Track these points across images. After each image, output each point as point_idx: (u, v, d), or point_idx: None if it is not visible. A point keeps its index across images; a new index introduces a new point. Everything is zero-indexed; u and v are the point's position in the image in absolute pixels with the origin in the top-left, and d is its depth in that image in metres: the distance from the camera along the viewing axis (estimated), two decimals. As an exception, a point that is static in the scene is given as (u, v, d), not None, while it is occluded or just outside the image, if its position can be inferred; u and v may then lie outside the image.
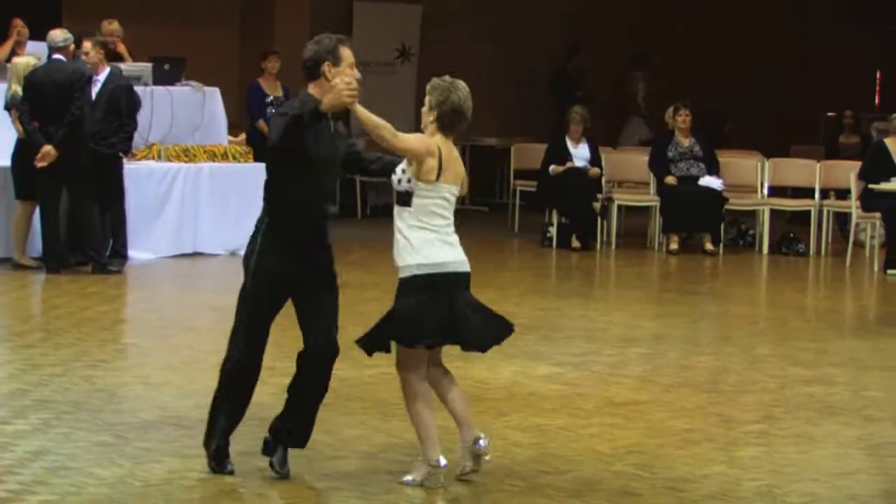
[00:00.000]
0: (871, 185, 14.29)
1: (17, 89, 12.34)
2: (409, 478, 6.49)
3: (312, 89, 6.44)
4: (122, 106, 12.62)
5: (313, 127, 6.29)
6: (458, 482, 6.57)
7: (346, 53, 6.47)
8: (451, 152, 6.49)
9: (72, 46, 12.49)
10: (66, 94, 12.13)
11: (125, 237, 12.79)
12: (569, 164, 15.33)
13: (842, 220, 16.00)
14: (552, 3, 20.37)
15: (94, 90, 12.52)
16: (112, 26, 14.57)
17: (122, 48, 14.73)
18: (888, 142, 14.56)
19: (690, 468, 6.90)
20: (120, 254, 12.70)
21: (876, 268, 14.26)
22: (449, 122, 6.46)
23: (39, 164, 12.09)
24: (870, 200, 14.29)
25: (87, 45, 12.58)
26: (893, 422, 8.01)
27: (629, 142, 19.59)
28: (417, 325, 6.38)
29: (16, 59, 12.77)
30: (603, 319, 11.15)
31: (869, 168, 14.50)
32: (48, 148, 12.08)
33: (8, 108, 12.53)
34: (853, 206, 14.71)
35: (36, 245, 12.62)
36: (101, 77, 12.62)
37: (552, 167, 15.39)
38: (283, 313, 7.01)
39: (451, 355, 7.07)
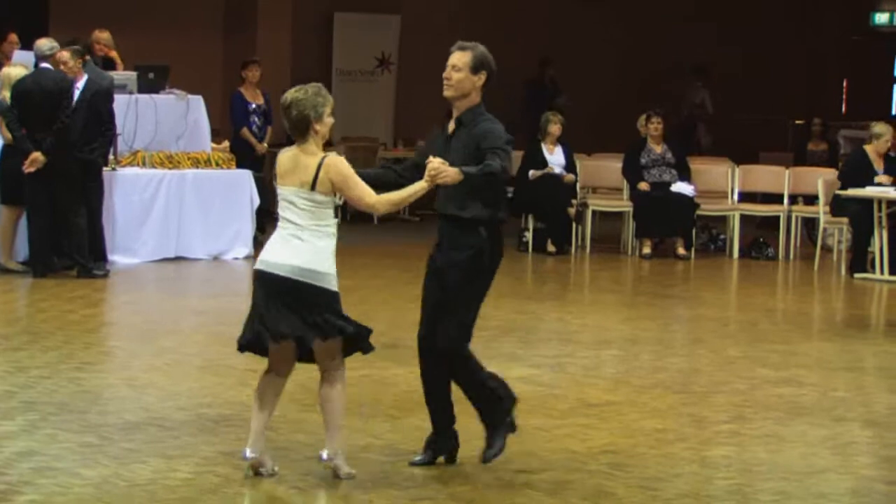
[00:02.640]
0: (839, 192, 14.50)
1: (6, 96, 12.45)
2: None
3: None
4: (101, 111, 12.68)
5: None
6: (434, 482, 6.69)
7: None
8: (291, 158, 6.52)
9: (58, 55, 12.59)
10: (54, 101, 12.23)
11: (104, 241, 12.88)
12: (545, 170, 15.49)
13: (810, 225, 16.20)
14: (531, 13, 20.52)
15: (74, 98, 12.57)
16: (103, 35, 14.65)
17: (114, 54, 14.79)
18: (868, 149, 14.75)
19: (663, 467, 6.99)
20: (100, 258, 12.79)
21: (843, 271, 14.45)
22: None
23: (28, 170, 12.20)
24: (839, 206, 14.50)
25: (64, 54, 12.61)
26: (861, 422, 8.10)
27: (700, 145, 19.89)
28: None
29: (6, 68, 12.85)
30: (577, 322, 11.25)
31: (849, 173, 14.68)
32: (36, 154, 12.18)
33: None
34: (821, 211, 14.92)
35: (22, 249, 12.74)
36: (80, 84, 12.63)
37: (531, 172, 15.55)
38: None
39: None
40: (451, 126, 6.77)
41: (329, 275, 6.46)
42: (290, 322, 6.45)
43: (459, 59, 6.74)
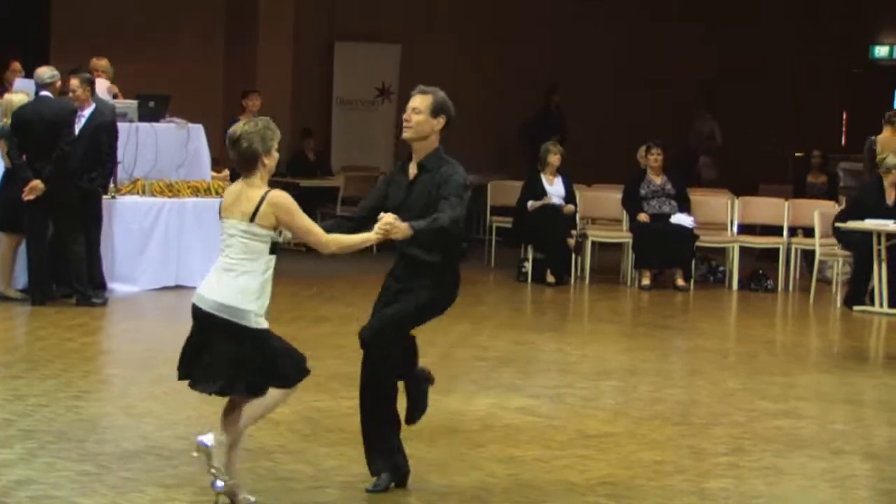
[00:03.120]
0: (839, 224, 14.51)
1: (7, 122, 12.48)
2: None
3: None
4: (102, 142, 12.69)
5: None
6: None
7: None
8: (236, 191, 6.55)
9: (58, 83, 12.61)
10: (54, 129, 12.26)
11: (102, 269, 12.89)
12: (545, 200, 15.52)
13: (810, 257, 16.19)
14: (530, 42, 20.60)
15: (78, 126, 12.58)
16: (101, 62, 14.70)
17: (112, 86, 14.79)
18: (885, 176, 14.57)
19: (661, 499, 6.99)
20: (99, 285, 12.79)
21: (839, 303, 14.44)
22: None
23: (27, 198, 12.22)
24: (843, 235, 14.49)
25: (74, 82, 12.67)
26: (859, 455, 8.11)
27: (704, 177, 19.93)
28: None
29: (8, 95, 12.87)
30: (577, 353, 11.26)
31: (861, 197, 14.59)
32: (36, 182, 12.20)
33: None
34: (817, 243, 14.95)
35: (21, 277, 12.75)
36: (86, 113, 12.64)
37: (530, 202, 15.58)
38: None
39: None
40: (413, 171, 6.85)
41: (249, 312, 6.42)
42: (215, 371, 6.43)
43: (420, 102, 6.86)
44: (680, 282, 15.36)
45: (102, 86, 14.42)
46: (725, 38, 21.80)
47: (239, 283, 6.42)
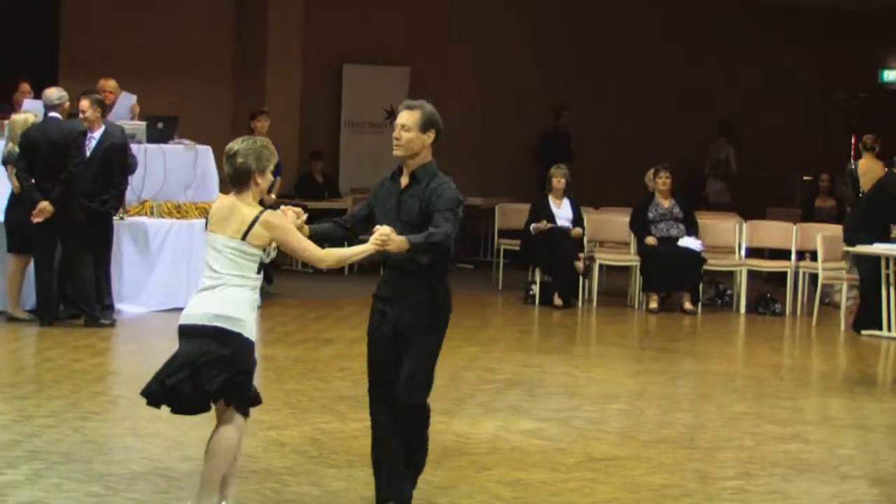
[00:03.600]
0: (846, 248, 14.51)
1: (14, 146, 12.52)
2: None
3: None
4: (115, 164, 12.71)
5: None
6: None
7: None
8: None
9: (67, 104, 12.64)
10: (62, 151, 12.29)
11: (111, 290, 12.90)
12: (544, 223, 15.51)
13: (818, 281, 16.19)
14: (538, 65, 20.64)
15: (89, 147, 12.61)
16: (109, 83, 14.74)
17: (135, 106, 14.82)
18: None
19: (668, 522, 7.06)
20: (108, 306, 12.81)
21: (842, 327, 14.42)
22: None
23: (36, 220, 12.25)
24: (858, 259, 14.49)
25: (84, 103, 12.71)
26: (867, 479, 8.10)
27: (714, 201, 20.01)
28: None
29: (14, 116, 12.90)
30: (584, 376, 11.27)
31: (876, 210, 14.51)
32: (45, 204, 12.24)
33: (4, 163, 12.69)
34: (820, 267, 14.95)
35: (29, 298, 12.77)
36: (97, 135, 12.68)
37: (533, 225, 15.61)
38: (269, 375, 7.14)
39: (435, 410, 7.19)
40: (405, 181, 6.86)
41: (243, 321, 6.44)
42: (205, 373, 6.39)
43: (408, 118, 6.82)
44: (687, 305, 15.36)
45: (129, 101, 14.49)
46: (736, 64, 21.82)
47: (232, 295, 6.44)
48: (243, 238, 6.40)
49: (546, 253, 15.48)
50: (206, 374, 6.36)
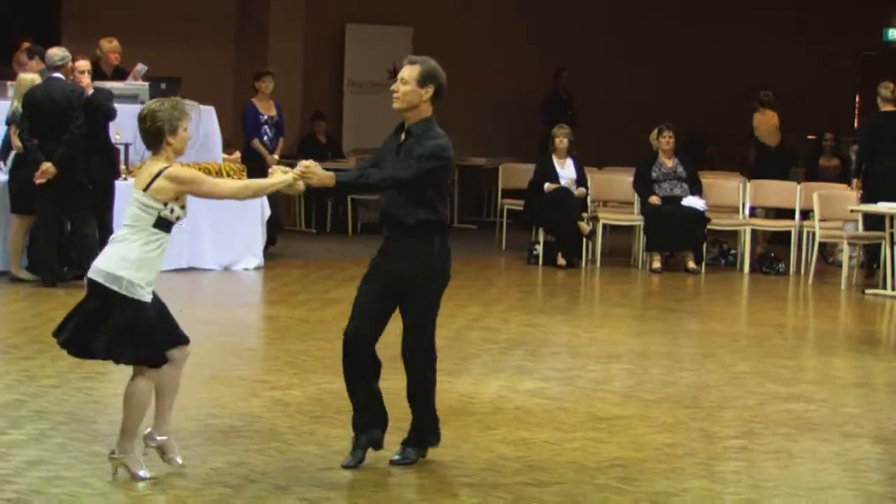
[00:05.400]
0: (852, 208, 14.49)
1: (18, 106, 12.48)
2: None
3: None
4: (103, 105, 12.59)
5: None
6: (442, 496, 6.71)
7: None
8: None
9: (69, 64, 12.60)
10: (65, 112, 12.26)
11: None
12: (557, 185, 15.54)
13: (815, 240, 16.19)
14: (540, 25, 20.57)
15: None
16: (112, 44, 14.70)
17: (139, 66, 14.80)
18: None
19: (672, 482, 7.01)
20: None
21: (844, 287, 14.43)
22: None
23: (38, 181, 12.23)
24: (870, 218, 14.53)
25: (86, 63, 12.70)
26: (870, 438, 8.12)
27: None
28: None
29: (22, 75, 12.85)
30: (587, 336, 11.29)
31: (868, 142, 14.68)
32: (47, 165, 12.21)
33: (9, 123, 12.65)
34: (816, 226, 14.95)
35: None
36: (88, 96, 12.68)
37: (546, 185, 15.60)
38: (273, 335, 7.16)
39: (439, 370, 7.21)
40: (403, 135, 6.92)
41: (125, 280, 6.57)
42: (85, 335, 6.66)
43: (408, 72, 6.88)
44: (691, 265, 15.36)
45: (143, 70, 14.50)
46: (740, 22, 21.74)
47: (118, 250, 6.62)
48: (145, 190, 6.58)
49: (549, 213, 15.47)
50: (91, 332, 6.64)
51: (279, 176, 6.78)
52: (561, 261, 15.39)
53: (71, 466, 6.86)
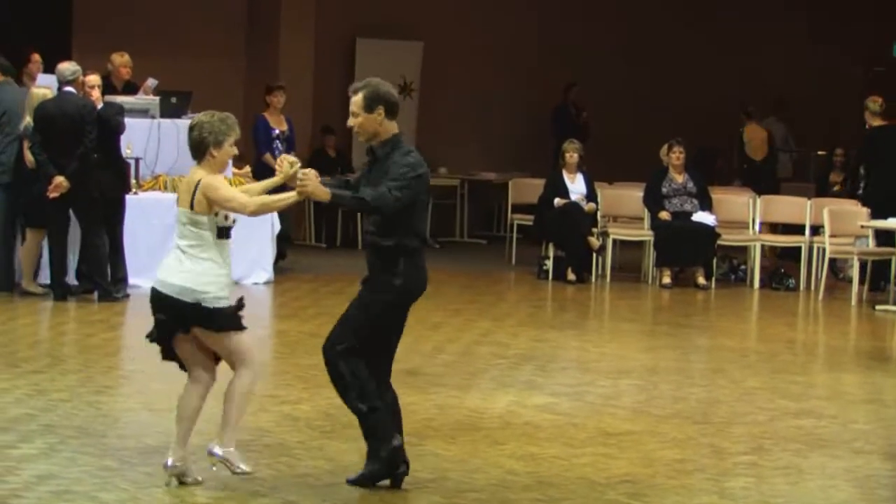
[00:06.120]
0: (862, 224, 14.46)
1: (30, 120, 12.51)
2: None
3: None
4: (112, 120, 12.64)
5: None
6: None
7: None
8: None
9: (80, 79, 12.63)
10: (78, 126, 12.28)
11: (125, 265, 12.89)
12: (567, 200, 15.54)
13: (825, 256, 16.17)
14: (551, 40, 20.58)
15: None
16: (123, 59, 14.73)
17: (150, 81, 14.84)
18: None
19: (682, 498, 7.00)
20: (121, 280, 12.80)
21: (854, 302, 14.40)
22: None
23: (52, 196, 12.25)
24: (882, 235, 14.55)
25: (96, 78, 12.75)
26: (880, 454, 8.10)
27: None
28: None
29: (33, 89, 12.89)
30: (597, 351, 11.27)
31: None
32: (60, 179, 12.23)
33: (21, 137, 12.67)
34: (826, 242, 14.94)
35: (44, 273, 12.77)
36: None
37: (556, 200, 15.60)
38: (283, 350, 7.17)
39: (448, 385, 7.21)
40: (371, 157, 7.00)
41: (206, 293, 6.70)
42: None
43: (354, 104, 6.95)
44: (701, 280, 15.34)
45: (153, 84, 14.55)
46: (748, 39, 21.74)
47: (191, 268, 6.71)
48: (191, 207, 6.72)
49: (559, 228, 15.47)
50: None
51: (286, 193, 6.82)
52: (571, 276, 15.38)
53: (80, 481, 6.86)
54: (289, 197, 6.80)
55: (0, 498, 6.54)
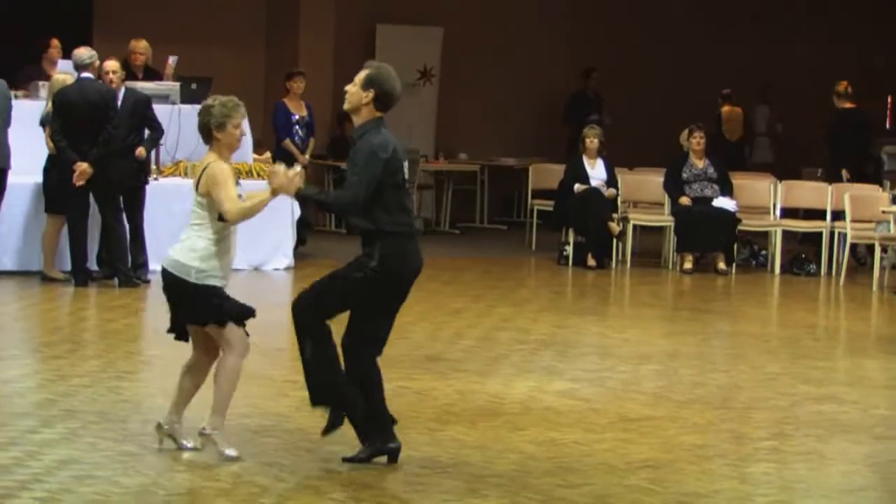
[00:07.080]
0: (884, 209, 14.41)
1: (51, 107, 12.52)
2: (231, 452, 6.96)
3: None
4: (147, 115, 12.74)
5: None
6: (472, 496, 6.71)
7: None
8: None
9: (97, 63, 12.62)
10: (100, 112, 12.29)
11: (146, 250, 12.91)
12: (588, 186, 15.53)
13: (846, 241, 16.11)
14: (570, 26, 20.54)
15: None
16: (141, 44, 14.75)
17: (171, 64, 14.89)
18: None
19: (702, 483, 7.00)
20: (142, 265, 12.82)
21: (875, 288, 14.36)
22: None
23: (78, 183, 12.25)
24: None
25: (116, 64, 12.77)
26: (902, 440, 8.09)
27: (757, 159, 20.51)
28: None
29: (55, 76, 12.92)
30: (617, 337, 11.27)
31: None
32: (84, 165, 12.24)
33: (43, 124, 12.70)
34: (848, 227, 14.89)
35: (65, 258, 12.81)
36: (120, 95, 12.71)
37: (577, 185, 15.58)
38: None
39: (469, 371, 7.21)
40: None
41: (194, 268, 6.97)
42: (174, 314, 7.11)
43: (358, 75, 7.15)
44: (721, 266, 15.31)
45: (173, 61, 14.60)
46: (772, 27, 21.65)
47: (190, 244, 7.04)
48: (196, 189, 7.07)
49: (579, 213, 15.45)
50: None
51: (258, 198, 7.07)
52: (591, 261, 15.36)
53: (101, 465, 6.88)
54: (264, 196, 6.99)
55: (22, 482, 6.57)
